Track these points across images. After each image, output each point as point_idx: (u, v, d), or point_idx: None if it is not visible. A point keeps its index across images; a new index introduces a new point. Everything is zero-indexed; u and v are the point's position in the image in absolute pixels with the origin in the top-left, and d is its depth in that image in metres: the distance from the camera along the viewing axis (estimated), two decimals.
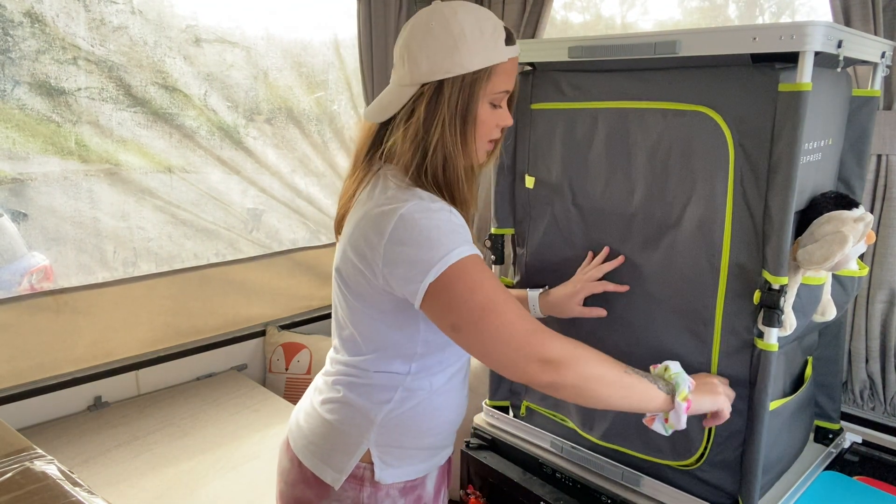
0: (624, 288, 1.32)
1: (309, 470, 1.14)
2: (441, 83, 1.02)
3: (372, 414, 1.11)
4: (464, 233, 1.00)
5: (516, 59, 1.08)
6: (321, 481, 1.12)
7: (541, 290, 1.41)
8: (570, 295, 1.35)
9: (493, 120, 1.08)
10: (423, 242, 0.96)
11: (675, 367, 1.07)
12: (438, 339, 1.10)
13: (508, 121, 1.11)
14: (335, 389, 1.15)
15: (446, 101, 1.02)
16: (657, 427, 1.05)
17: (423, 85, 1.03)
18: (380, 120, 1.11)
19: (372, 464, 1.11)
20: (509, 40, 1.05)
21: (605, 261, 1.35)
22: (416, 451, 1.15)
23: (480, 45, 1.02)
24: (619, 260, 1.33)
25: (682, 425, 1.03)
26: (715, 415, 1.11)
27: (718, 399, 1.10)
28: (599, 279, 1.34)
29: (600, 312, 1.34)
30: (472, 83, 1.02)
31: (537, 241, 1.50)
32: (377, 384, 1.11)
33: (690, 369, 1.26)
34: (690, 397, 1.04)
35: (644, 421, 1.07)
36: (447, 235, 0.97)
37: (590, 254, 1.39)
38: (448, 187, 1.06)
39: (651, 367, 1.10)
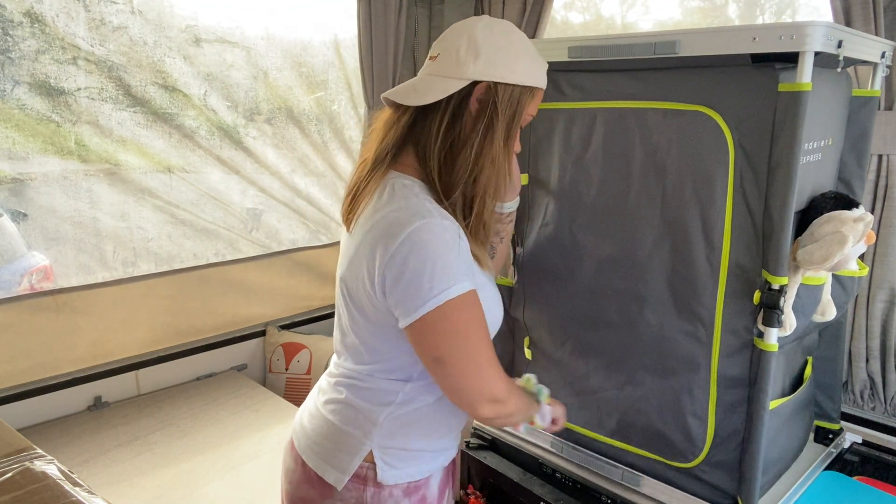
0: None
1: (312, 470, 1.14)
2: (496, 86, 1.01)
3: (374, 415, 1.11)
4: (465, 258, 1.01)
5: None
6: (324, 481, 1.12)
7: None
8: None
9: (516, 140, 1.09)
10: (425, 270, 0.95)
11: (534, 378, 1.22)
12: None
13: (520, 147, 1.13)
14: (338, 391, 1.15)
15: (499, 105, 1.01)
16: (522, 430, 1.24)
17: (475, 83, 1.01)
18: (413, 103, 1.04)
19: (374, 464, 1.10)
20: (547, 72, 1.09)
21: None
22: (419, 452, 1.14)
23: (535, 64, 1.05)
24: None
25: (547, 423, 1.19)
26: (556, 420, 1.22)
27: (558, 405, 1.23)
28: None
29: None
30: (520, 96, 1.03)
31: (535, 240, 1.50)
32: (379, 388, 1.11)
33: (691, 369, 1.26)
34: (549, 401, 1.20)
35: (512, 429, 1.18)
36: (450, 266, 0.97)
37: None
38: (485, 204, 1.06)
39: (514, 380, 1.19)
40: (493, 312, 1.10)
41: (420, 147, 1.05)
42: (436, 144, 1.03)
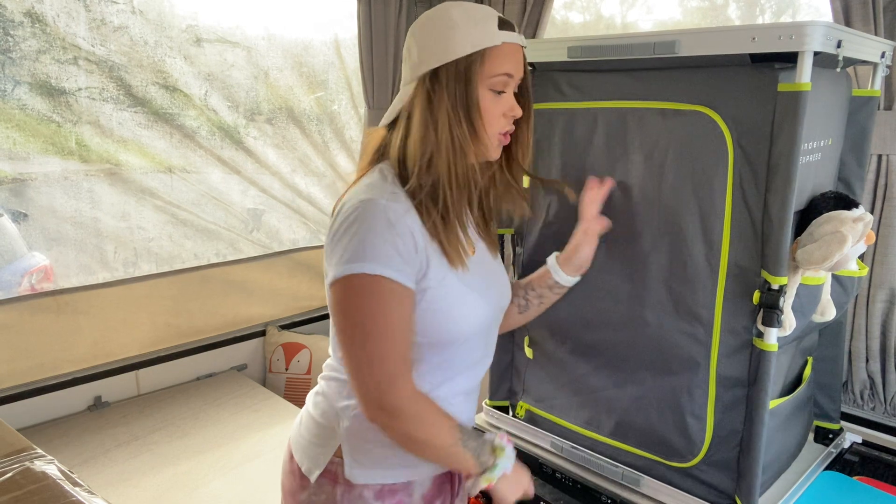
0: (608, 184, 1.30)
1: (295, 460, 1.15)
2: (436, 73, 1.00)
3: (343, 409, 1.08)
4: (403, 248, 0.96)
5: (516, 47, 1.04)
6: (302, 472, 1.12)
7: (555, 254, 1.35)
8: (580, 244, 1.31)
9: (496, 108, 1.03)
10: (346, 242, 0.95)
11: (509, 450, 1.08)
12: (417, 348, 1.06)
13: (516, 109, 1.05)
14: (321, 384, 1.17)
15: (444, 89, 0.99)
16: (467, 485, 1.07)
17: (421, 78, 1.02)
18: (384, 123, 1.09)
19: (342, 459, 1.08)
20: (503, 26, 1.02)
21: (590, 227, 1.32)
22: (392, 456, 1.08)
23: (471, 30, 0.99)
24: (609, 182, 1.31)
25: (472, 494, 1.07)
26: (496, 500, 1.11)
27: (510, 497, 1.10)
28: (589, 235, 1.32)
29: (603, 221, 1.31)
30: (466, 68, 0.99)
31: (535, 240, 1.50)
32: (348, 381, 1.07)
33: (690, 369, 1.26)
34: (496, 484, 1.06)
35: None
36: (371, 245, 0.94)
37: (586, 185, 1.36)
38: (447, 192, 1.01)
39: (498, 436, 1.09)
40: (465, 320, 1.05)
41: (395, 149, 1.06)
42: (397, 137, 1.05)
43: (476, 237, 1.14)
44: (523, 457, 1.56)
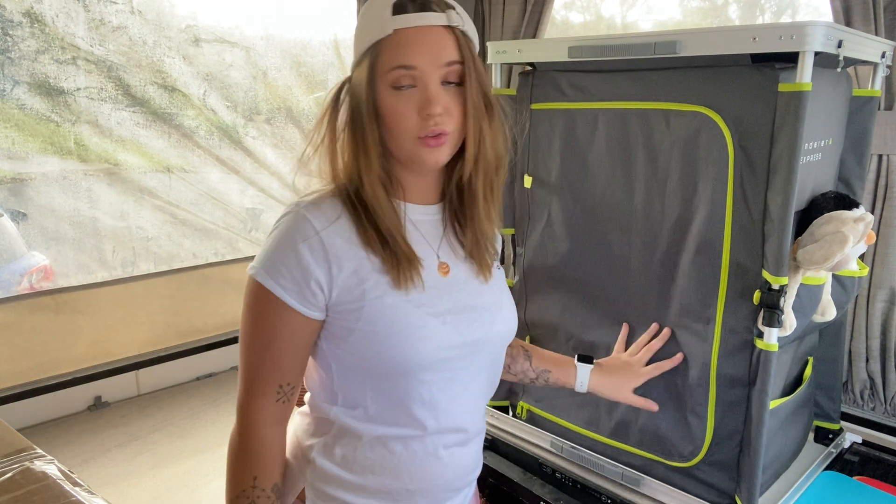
0: (678, 360, 1.27)
1: None
2: (350, 80, 0.90)
3: (307, 448, 0.98)
4: (288, 274, 0.86)
5: (421, 31, 0.85)
6: None
7: (591, 365, 1.24)
8: (622, 385, 1.25)
9: (401, 107, 0.86)
10: (268, 241, 0.90)
11: None
12: (357, 381, 0.93)
13: (430, 105, 0.85)
14: (293, 416, 1.06)
15: (352, 93, 0.90)
16: None
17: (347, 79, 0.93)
18: None
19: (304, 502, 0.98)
20: (399, 9, 0.85)
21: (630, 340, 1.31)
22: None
23: (368, 24, 0.87)
24: (666, 334, 1.28)
25: None
26: None
27: None
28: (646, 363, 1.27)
29: (652, 406, 1.27)
30: (368, 67, 0.86)
31: (537, 241, 1.50)
32: (312, 413, 1.00)
33: (691, 368, 1.27)
34: None
35: None
36: (274, 253, 0.88)
37: (624, 326, 1.34)
38: (373, 203, 0.90)
39: None
40: (413, 348, 0.89)
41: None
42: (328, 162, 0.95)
43: (458, 258, 0.98)
44: (523, 457, 1.56)
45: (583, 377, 1.23)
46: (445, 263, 0.96)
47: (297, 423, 1.03)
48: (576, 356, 1.25)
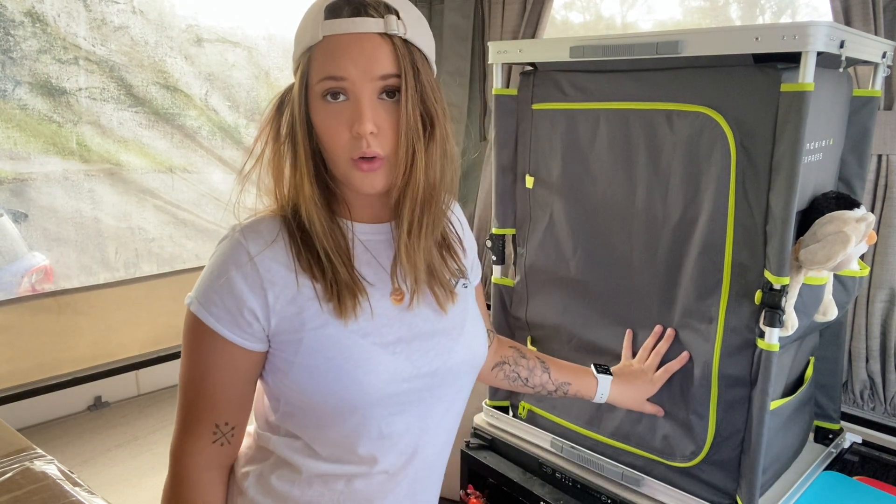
0: (684, 359, 1.28)
1: None
2: (291, 89, 0.83)
3: (241, 474, 0.91)
4: (222, 305, 0.79)
5: (351, 39, 0.76)
6: None
7: (611, 377, 1.25)
8: (639, 395, 1.27)
9: (331, 121, 0.78)
10: (206, 268, 0.83)
11: None
12: (301, 416, 0.86)
13: (359, 124, 0.76)
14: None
15: (288, 105, 0.82)
16: None
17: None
18: None
19: None
20: (332, 13, 0.77)
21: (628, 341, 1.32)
22: None
23: (303, 28, 0.80)
24: (671, 335, 1.29)
25: None
26: None
27: None
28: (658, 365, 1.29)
29: (660, 412, 1.30)
30: (299, 78, 0.80)
31: (538, 241, 1.50)
32: (249, 440, 0.93)
33: (693, 367, 1.27)
34: None
35: None
36: (208, 289, 0.81)
37: (628, 333, 1.35)
38: (311, 224, 0.82)
39: None
40: (357, 383, 0.81)
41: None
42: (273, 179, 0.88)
43: (414, 280, 0.88)
44: (523, 457, 1.56)
45: (603, 389, 1.23)
46: (400, 289, 0.87)
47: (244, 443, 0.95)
48: (592, 366, 1.25)
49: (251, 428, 0.94)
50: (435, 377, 0.88)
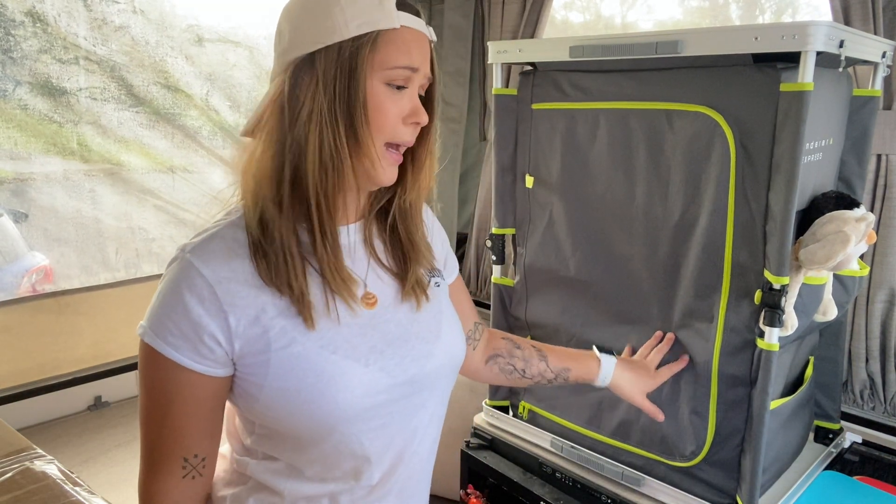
0: (685, 361, 1.28)
1: None
2: (312, 58, 0.75)
3: (218, 498, 0.87)
4: (178, 332, 0.74)
5: (421, 36, 0.78)
6: None
7: (615, 357, 1.20)
8: (641, 382, 1.23)
9: (394, 108, 0.77)
10: (156, 296, 0.77)
11: None
12: (277, 440, 0.82)
13: (421, 114, 0.79)
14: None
15: (320, 79, 0.74)
16: None
17: (289, 65, 0.76)
18: (244, 132, 0.85)
19: None
20: (403, 6, 0.77)
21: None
22: None
23: (360, 5, 0.75)
24: (671, 338, 1.29)
25: None
26: None
27: None
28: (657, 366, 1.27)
29: (659, 416, 1.23)
30: (352, 54, 0.74)
31: (538, 241, 1.50)
32: (224, 465, 0.90)
33: (693, 367, 1.27)
34: None
35: None
36: (161, 317, 0.75)
37: (627, 347, 1.35)
38: (324, 218, 0.78)
39: None
40: (331, 400, 0.76)
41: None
42: (250, 151, 0.81)
43: (385, 283, 0.86)
44: (523, 456, 1.56)
45: (607, 369, 1.16)
46: (372, 294, 0.84)
47: (219, 465, 0.89)
48: (595, 348, 1.21)
49: (224, 449, 0.89)
50: (413, 384, 0.84)
